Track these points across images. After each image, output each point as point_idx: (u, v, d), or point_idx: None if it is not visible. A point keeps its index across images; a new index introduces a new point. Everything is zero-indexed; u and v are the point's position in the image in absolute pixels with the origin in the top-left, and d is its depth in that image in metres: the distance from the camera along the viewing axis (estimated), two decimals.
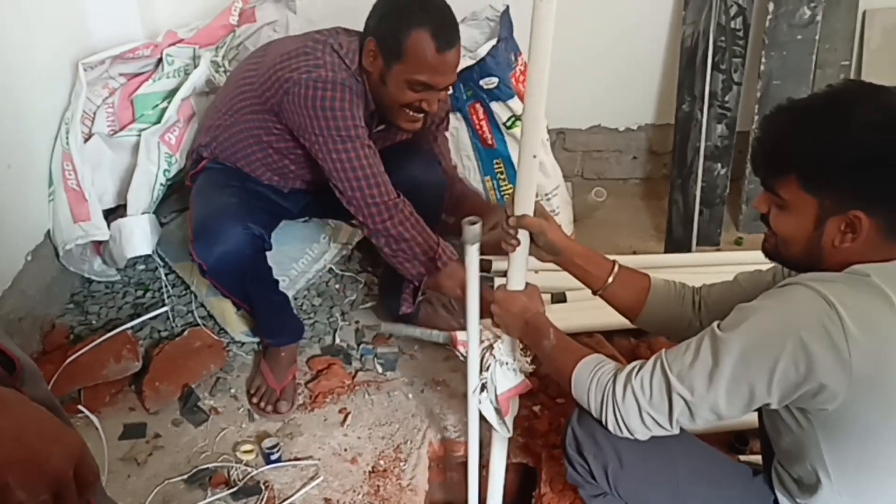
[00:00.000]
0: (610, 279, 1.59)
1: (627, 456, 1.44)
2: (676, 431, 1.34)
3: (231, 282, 2.01)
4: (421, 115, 1.94)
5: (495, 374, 1.63)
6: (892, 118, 1.19)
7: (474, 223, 1.45)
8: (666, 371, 1.29)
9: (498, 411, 1.64)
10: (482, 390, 1.65)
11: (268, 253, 2.02)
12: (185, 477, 1.93)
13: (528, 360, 1.66)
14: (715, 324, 1.28)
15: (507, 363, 1.64)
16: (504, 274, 1.61)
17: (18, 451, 0.73)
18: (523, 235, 1.51)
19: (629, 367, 1.36)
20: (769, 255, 1.39)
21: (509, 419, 1.67)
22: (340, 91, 1.82)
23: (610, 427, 1.37)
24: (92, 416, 2.03)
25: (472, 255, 1.50)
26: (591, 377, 1.40)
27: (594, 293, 1.62)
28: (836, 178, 1.22)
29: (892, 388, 1.20)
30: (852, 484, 1.29)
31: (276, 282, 2.11)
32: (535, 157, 1.42)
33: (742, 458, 1.67)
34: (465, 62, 2.38)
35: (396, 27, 1.79)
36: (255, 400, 2.14)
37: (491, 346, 1.64)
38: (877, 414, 1.21)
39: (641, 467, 1.44)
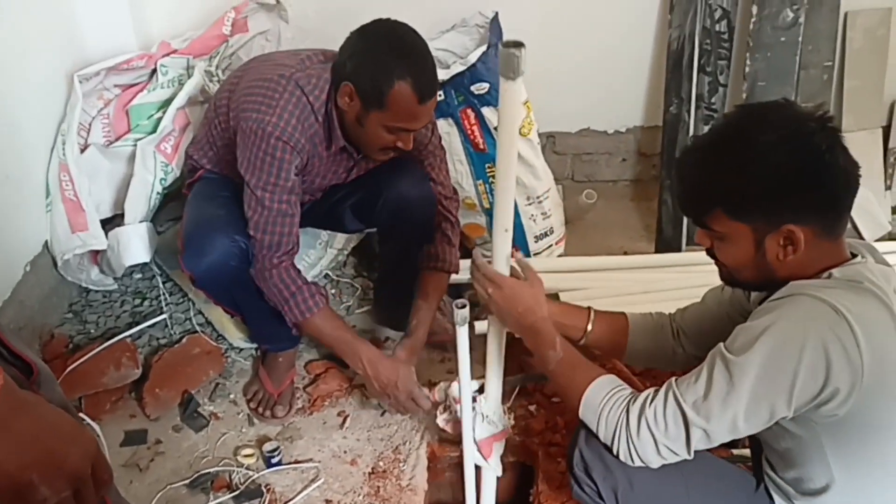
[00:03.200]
0: (589, 326, 1.62)
1: (638, 478, 1.41)
2: (692, 457, 1.34)
3: (219, 292, 2.03)
4: (393, 151, 1.93)
5: (475, 423, 1.65)
6: (787, 133, 1.24)
7: (463, 306, 1.44)
8: (680, 402, 1.29)
9: (480, 454, 1.67)
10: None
11: None
12: (188, 482, 1.95)
13: (510, 416, 1.69)
14: (721, 347, 1.28)
15: (487, 416, 1.64)
16: None
17: (40, 451, 0.76)
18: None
19: (642, 396, 1.35)
20: (727, 282, 1.44)
21: (493, 460, 1.68)
22: (282, 149, 1.82)
23: (622, 457, 1.36)
24: (93, 424, 2.04)
25: (462, 335, 1.49)
26: (602, 404, 1.38)
27: (577, 344, 1.60)
28: (757, 202, 1.26)
29: (893, 388, 1.23)
30: (858, 486, 1.31)
31: None
32: (506, 230, 1.42)
33: (735, 451, 1.71)
34: (457, 68, 2.42)
35: (376, 76, 1.74)
36: (252, 405, 2.17)
37: (474, 398, 1.64)
38: (882, 415, 1.25)
39: (652, 488, 1.42)
